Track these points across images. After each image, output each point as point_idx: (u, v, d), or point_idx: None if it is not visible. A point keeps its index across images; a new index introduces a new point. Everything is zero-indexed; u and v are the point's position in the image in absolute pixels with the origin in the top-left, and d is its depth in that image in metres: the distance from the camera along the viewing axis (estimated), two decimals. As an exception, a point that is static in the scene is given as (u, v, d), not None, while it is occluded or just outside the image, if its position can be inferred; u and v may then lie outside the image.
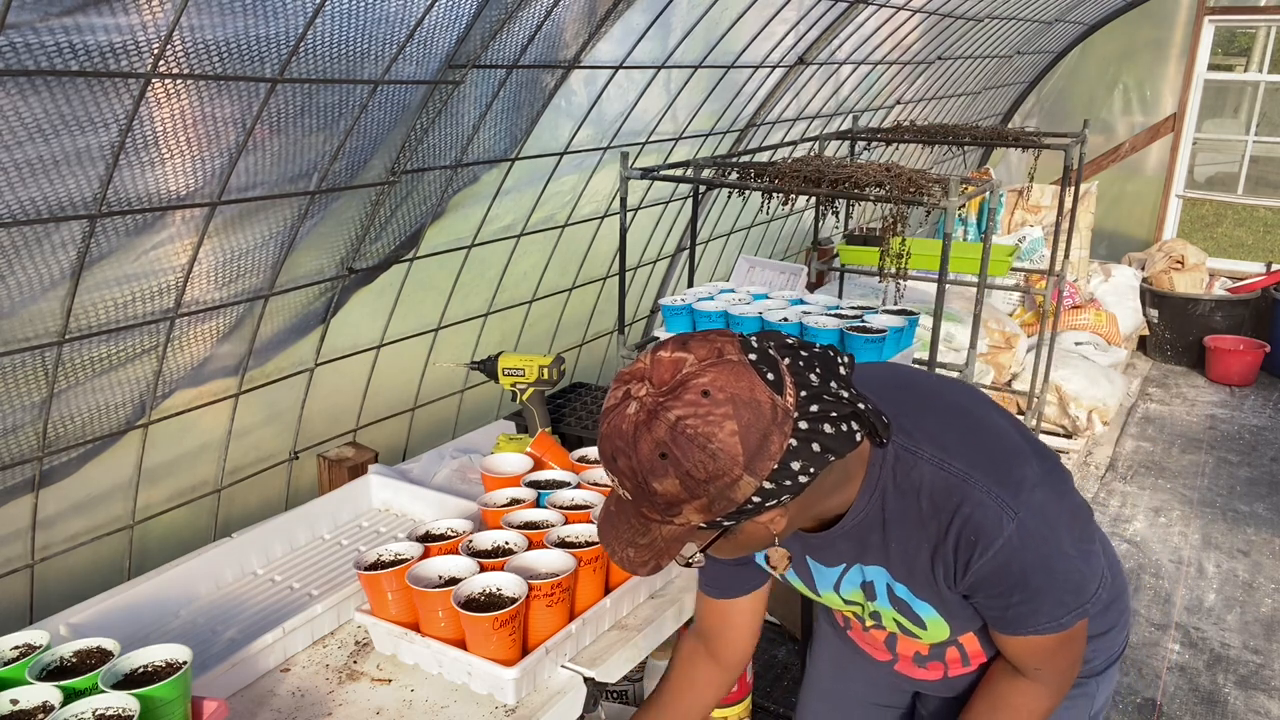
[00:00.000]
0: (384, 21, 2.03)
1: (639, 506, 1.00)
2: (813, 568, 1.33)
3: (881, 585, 1.26)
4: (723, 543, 1.08)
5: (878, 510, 1.18)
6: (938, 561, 1.18)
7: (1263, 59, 7.37)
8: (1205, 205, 10.46)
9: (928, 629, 1.29)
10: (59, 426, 1.97)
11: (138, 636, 1.48)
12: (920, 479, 1.15)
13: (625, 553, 1.05)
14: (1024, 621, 1.20)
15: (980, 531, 1.13)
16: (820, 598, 1.38)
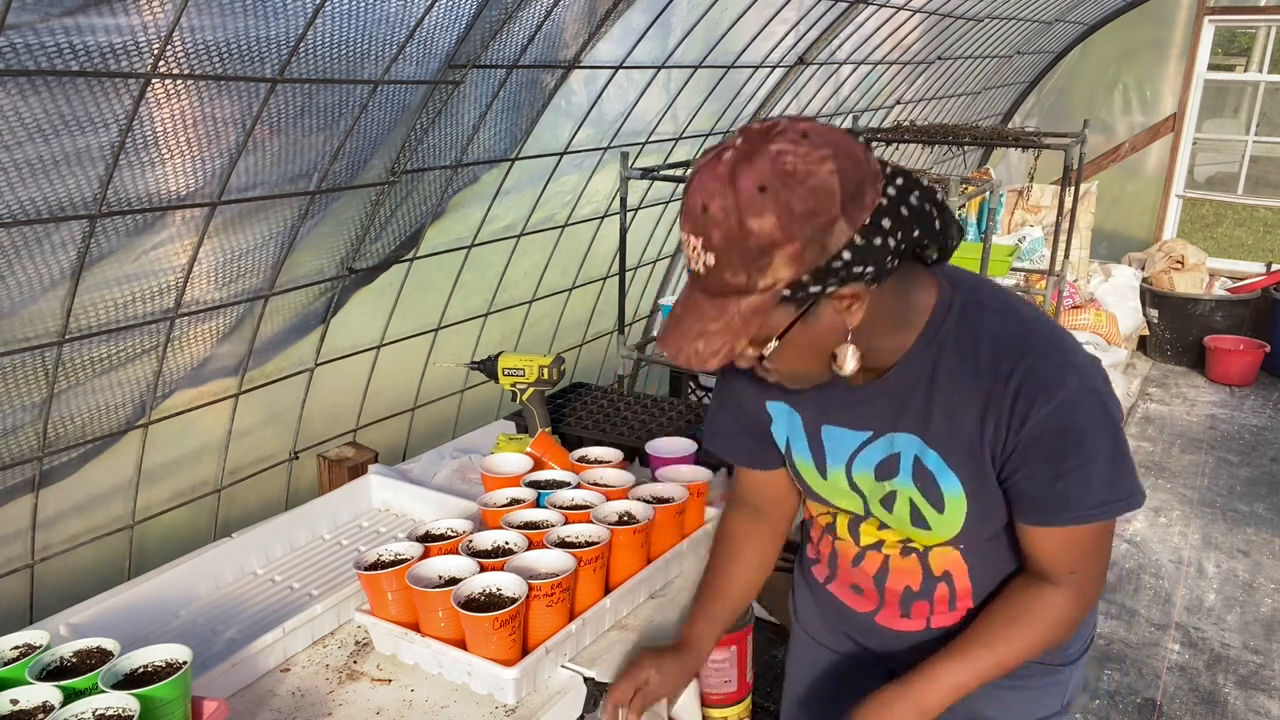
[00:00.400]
0: (384, 22, 2.03)
1: (722, 272, 0.98)
2: (828, 441, 1.27)
3: (909, 456, 1.20)
4: (795, 339, 1.04)
5: (931, 363, 1.15)
6: (990, 417, 1.12)
7: (1263, 59, 7.37)
8: (1205, 205, 10.46)
9: (944, 514, 1.20)
10: (59, 427, 1.97)
11: (138, 636, 1.48)
12: (984, 328, 1.13)
13: (694, 346, 1.02)
14: (1072, 499, 1.12)
15: (1043, 381, 1.09)
16: (824, 482, 1.30)
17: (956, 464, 1.17)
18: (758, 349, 1.06)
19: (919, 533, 1.24)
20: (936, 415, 1.16)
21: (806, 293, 1.00)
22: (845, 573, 1.41)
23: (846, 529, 1.36)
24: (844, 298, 1.03)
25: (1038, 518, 1.16)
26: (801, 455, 1.31)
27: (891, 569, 1.33)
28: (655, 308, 4.44)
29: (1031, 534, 1.19)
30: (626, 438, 2.16)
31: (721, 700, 2.46)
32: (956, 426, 1.15)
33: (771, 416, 1.34)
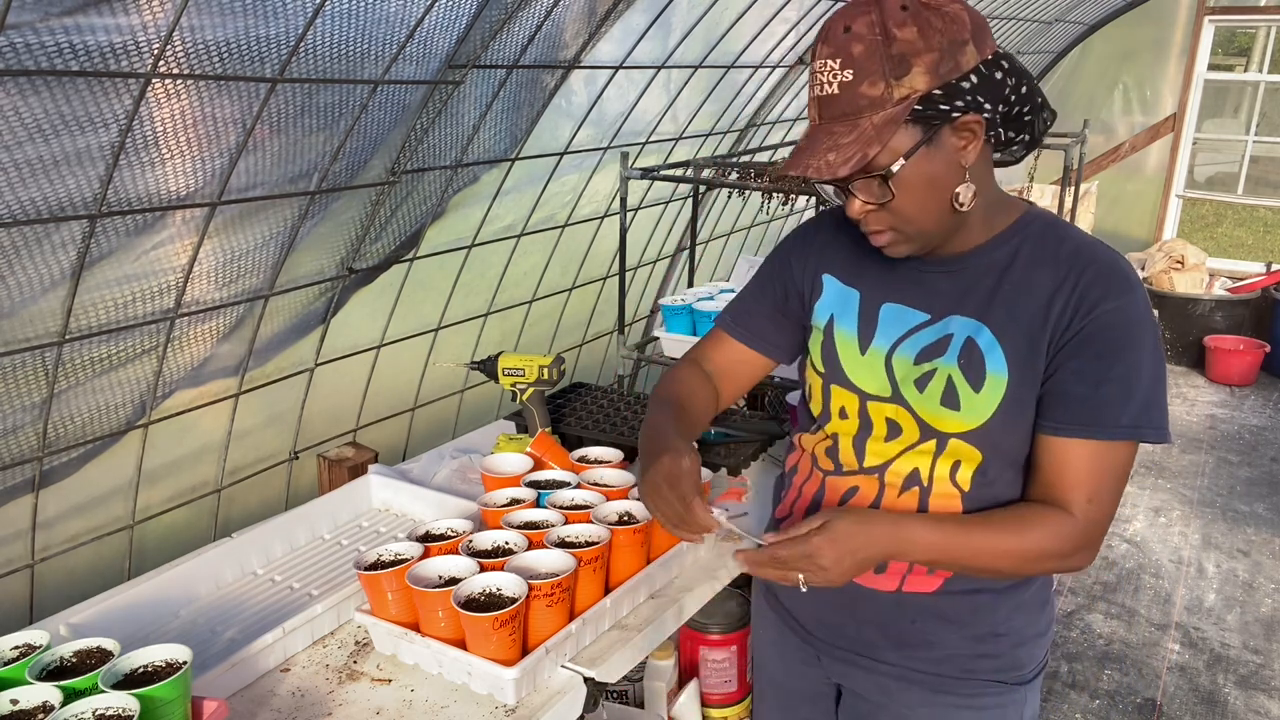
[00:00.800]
0: (384, 22, 2.03)
1: (858, 86, 1.07)
2: (885, 318, 1.29)
3: (961, 338, 1.22)
4: (917, 171, 1.11)
5: (1011, 253, 1.21)
6: (1059, 298, 1.16)
7: (1263, 59, 7.37)
8: (1205, 205, 10.46)
9: (979, 394, 1.19)
10: (59, 427, 1.97)
11: (138, 636, 1.48)
12: (1070, 234, 1.21)
13: (824, 158, 1.08)
14: (1110, 410, 1.14)
15: (1117, 279, 1.15)
16: (861, 358, 1.29)
17: (1009, 345, 1.19)
18: (878, 190, 1.12)
19: (944, 415, 1.21)
20: (1003, 298, 1.20)
21: (936, 110, 1.08)
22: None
23: (851, 446, 1.31)
24: (966, 126, 1.11)
25: (1072, 422, 1.16)
26: (846, 329, 1.32)
27: (884, 506, 1.29)
28: (655, 308, 4.44)
29: (1057, 448, 1.18)
30: (626, 438, 2.16)
31: (721, 700, 2.46)
32: (1021, 308, 1.18)
33: (821, 289, 1.36)
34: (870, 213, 1.16)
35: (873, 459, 1.30)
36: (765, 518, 1.88)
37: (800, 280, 1.40)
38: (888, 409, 1.27)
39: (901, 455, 1.27)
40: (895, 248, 1.20)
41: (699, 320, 2.56)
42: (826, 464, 1.36)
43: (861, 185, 1.13)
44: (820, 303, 1.36)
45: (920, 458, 1.26)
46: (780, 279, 1.43)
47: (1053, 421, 1.18)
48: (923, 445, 1.25)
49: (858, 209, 1.15)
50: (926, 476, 1.26)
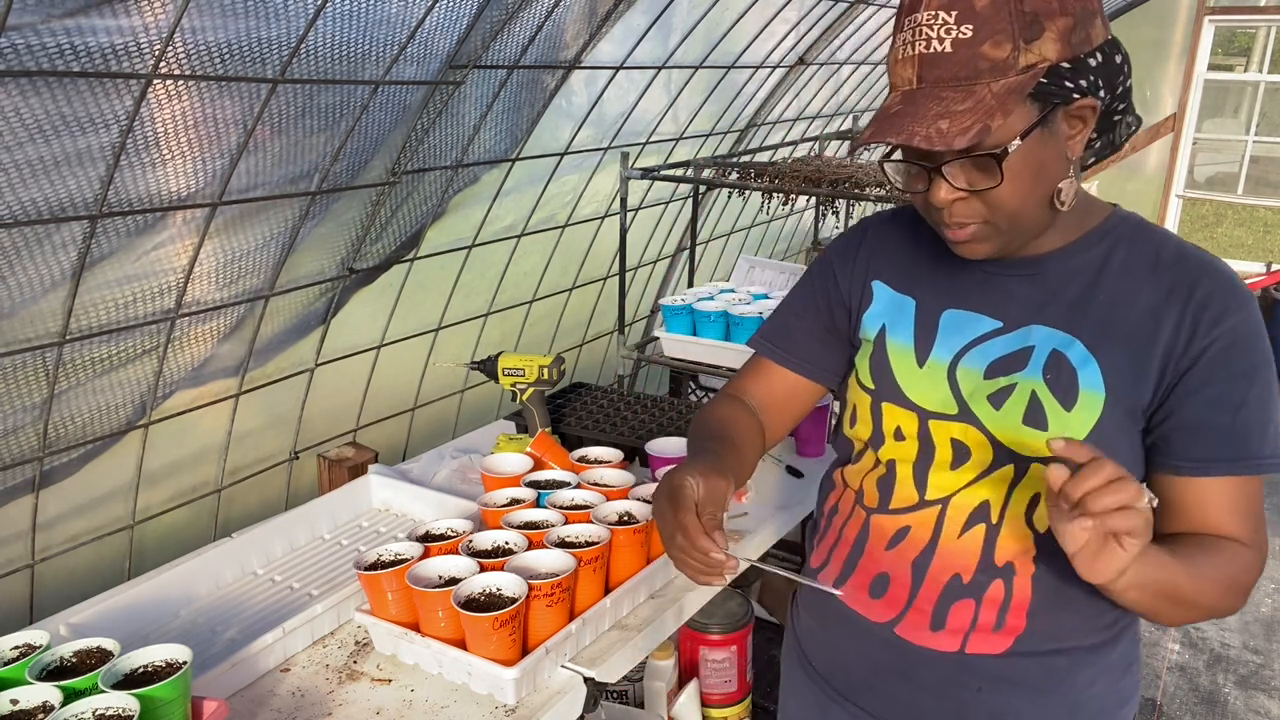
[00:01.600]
0: (385, 23, 2.03)
1: (979, 45, 0.91)
2: (946, 326, 1.13)
3: (1045, 350, 1.06)
4: (1027, 157, 0.95)
5: (1101, 257, 1.07)
6: (1168, 313, 1.01)
7: (1263, 59, 7.37)
8: (1205, 205, 10.46)
9: (1072, 412, 1.03)
10: (59, 427, 1.97)
11: (138, 636, 1.48)
12: (1164, 235, 1.07)
13: (935, 125, 0.91)
14: (1253, 439, 0.99)
15: (1235, 289, 1.01)
16: (918, 371, 1.13)
17: (1106, 361, 1.03)
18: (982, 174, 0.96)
19: (1027, 436, 1.04)
20: (1097, 308, 1.05)
21: (1059, 87, 0.93)
22: (872, 560, 1.19)
23: (910, 476, 1.14)
24: (1080, 112, 0.97)
25: (1218, 458, 1.00)
26: (900, 340, 1.16)
27: (941, 548, 1.12)
28: (655, 308, 4.44)
29: (1198, 488, 1.02)
30: (626, 438, 2.16)
31: (721, 700, 2.46)
32: (1120, 320, 1.03)
33: (870, 298, 1.21)
34: (960, 201, 0.99)
35: (935, 490, 1.12)
36: (766, 518, 1.87)
37: (847, 291, 1.25)
38: (954, 428, 1.10)
39: (970, 485, 1.10)
40: (976, 245, 1.03)
41: (699, 320, 2.56)
42: (873, 499, 1.18)
43: (959, 167, 0.97)
44: (870, 313, 1.21)
45: (992, 488, 1.09)
46: (824, 292, 1.27)
47: (1191, 460, 1.02)
48: (997, 472, 1.08)
49: (945, 195, 0.98)
50: (997, 512, 1.09)
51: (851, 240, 1.27)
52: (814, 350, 1.29)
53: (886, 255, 1.23)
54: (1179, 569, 0.96)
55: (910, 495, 1.14)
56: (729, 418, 1.29)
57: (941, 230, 1.04)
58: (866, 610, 1.19)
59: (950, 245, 1.05)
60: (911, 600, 1.14)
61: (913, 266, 1.19)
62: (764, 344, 1.34)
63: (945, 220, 1.02)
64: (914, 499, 1.14)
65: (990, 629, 1.11)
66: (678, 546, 1.04)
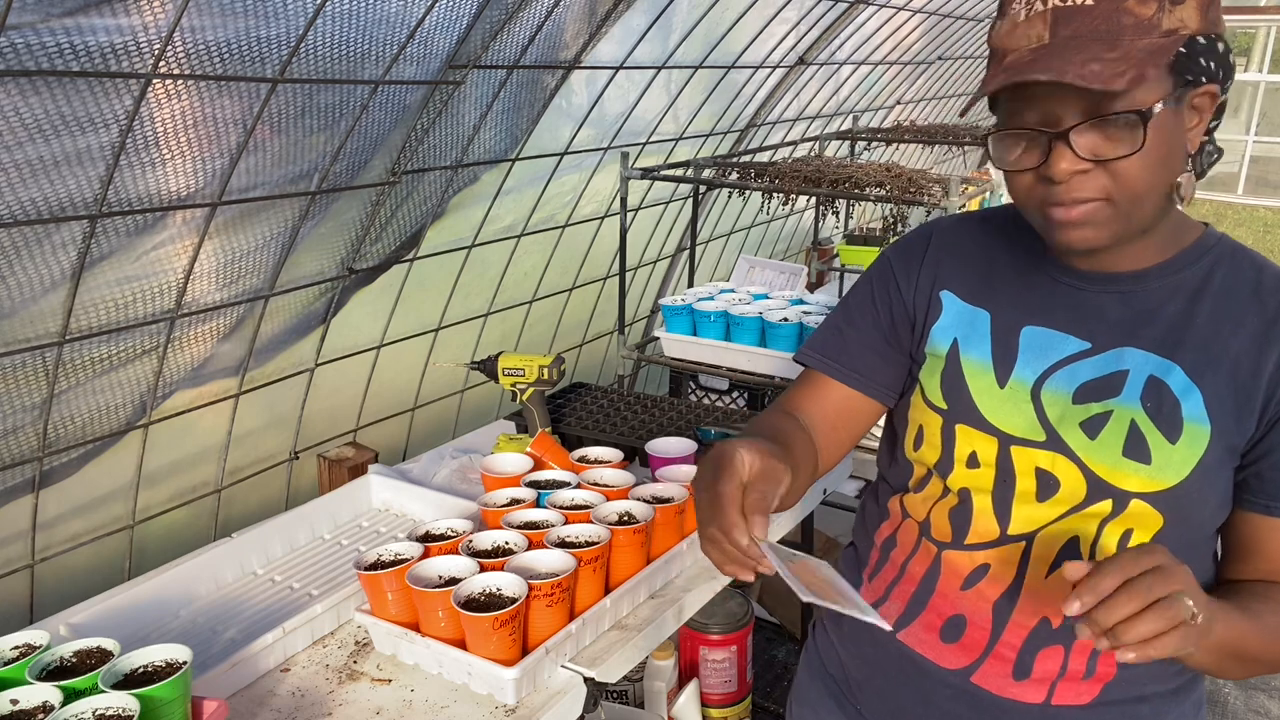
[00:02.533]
0: (384, 22, 2.03)
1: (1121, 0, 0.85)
2: (1028, 344, 1.04)
3: (1142, 375, 0.98)
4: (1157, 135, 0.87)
5: (1201, 276, 0.99)
6: (1274, 345, 0.95)
7: (1263, 59, 7.38)
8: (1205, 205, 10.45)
9: (1176, 445, 0.96)
10: (59, 427, 1.97)
11: (138, 636, 1.48)
12: (1264, 262, 1.01)
13: (1089, 66, 0.83)
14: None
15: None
16: (1000, 392, 1.04)
17: (1210, 391, 0.95)
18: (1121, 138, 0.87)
19: (1127, 470, 0.96)
20: (1197, 333, 0.97)
21: (1195, 63, 0.87)
22: (944, 600, 1.08)
23: (990, 507, 1.04)
24: (1202, 100, 0.91)
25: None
26: (976, 357, 1.06)
27: (1028, 589, 1.02)
28: (655, 308, 4.44)
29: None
30: (626, 438, 2.16)
31: (721, 700, 2.46)
32: (1223, 348, 0.96)
33: (939, 309, 1.11)
34: (1084, 174, 0.89)
35: (1021, 524, 1.02)
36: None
37: (911, 300, 1.14)
38: (1041, 457, 1.00)
39: (1062, 519, 1.00)
40: (1088, 231, 0.92)
41: (699, 320, 2.56)
42: (944, 533, 1.08)
43: (1089, 132, 0.87)
44: (939, 325, 1.10)
45: (1086, 523, 0.99)
46: (885, 300, 1.16)
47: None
48: (1093, 507, 0.99)
49: (1068, 166, 0.88)
50: (1088, 548, 1.00)
51: (915, 244, 1.16)
52: (872, 363, 1.17)
53: (956, 262, 1.12)
54: (1247, 626, 0.91)
55: (990, 529, 1.04)
56: (782, 428, 1.15)
57: (1046, 213, 0.92)
58: (936, 655, 1.08)
59: (1052, 232, 0.93)
60: (992, 646, 1.04)
61: (986, 276, 1.09)
62: (815, 356, 1.20)
63: (1059, 198, 0.90)
64: (994, 533, 1.04)
65: (1080, 677, 1.02)
66: (706, 521, 0.90)
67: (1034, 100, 0.89)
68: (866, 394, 1.17)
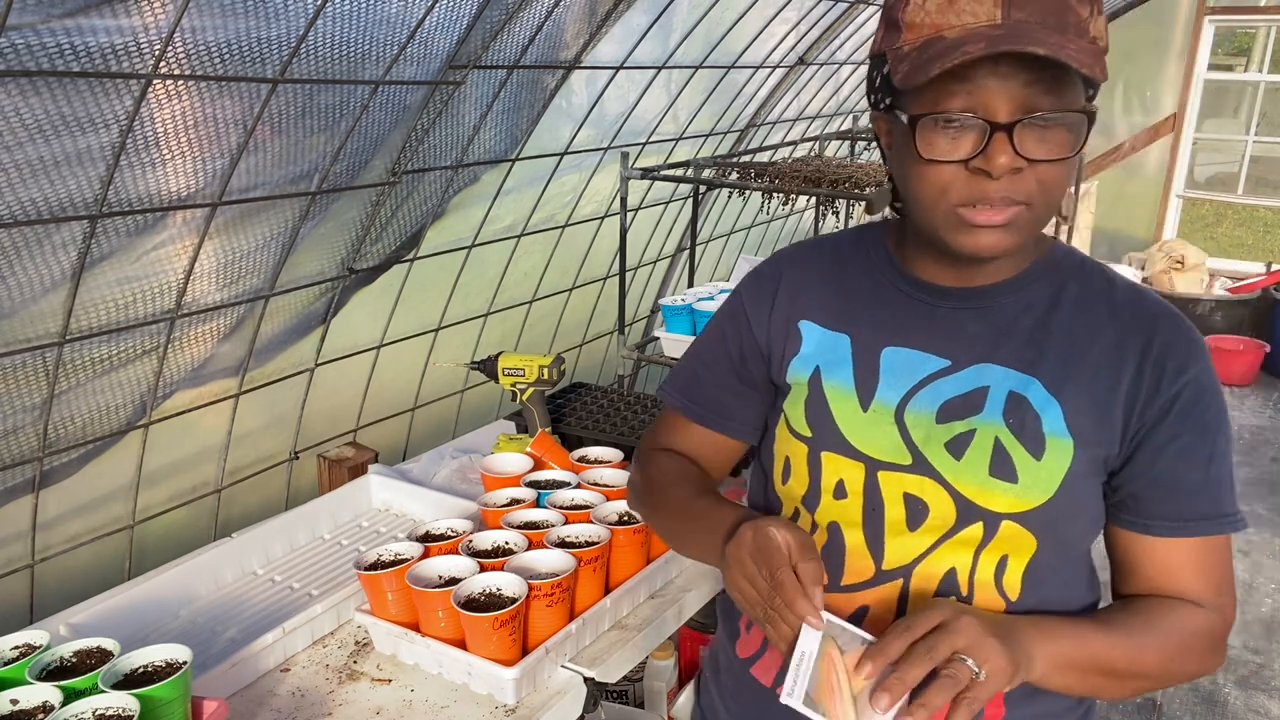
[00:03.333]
0: (385, 23, 2.03)
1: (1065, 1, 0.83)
2: (889, 365, 1.01)
3: (1002, 390, 0.95)
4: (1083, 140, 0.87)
5: (1052, 289, 0.98)
6: (1128, 358, 0.94)
7: (1263, 59, 7.37)
8: (1205, 205, 10.46)
9: (1041, 461, 0.93)
10: (59, 427, 1.97)
11: (138, 636, 1.48)
12: (1113, 276, 1.00)
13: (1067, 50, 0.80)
14: (1225, 496, 0.94)
15: (1191, 335, 0.95)
16: (863, 416, 1.00)
17: (1069, 404, 0.94)
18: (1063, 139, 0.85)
19: (995, 490, 0.94)
20: (1054, 346, 0.96)
21: (1102, 68, 0.84)
22: None
23: (862, 542, 1.01)
24: (1087, 116, 0.89)
25: (1193, 517, 0.94)
26: (839, 382, 1.03)
27: None
28: (655, 308, 4.44)
29: (1167, 549, 0.96)
30: (626, 438, 2.16)
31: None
32: (1079, 361, 0.95)
33: (798, 341, 1.08)
34: (1017, 173, 0.85)
35: (895, 558, 0.99)
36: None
37: (763, 336, 1.11)
38: (909, 481, 0.98)
39: (933, 550, 0.97)
40: (1004, 237, 0.88)
41: (699, 320, 2.56)
42: (833, 557, 1.04)
43: (1034, 130, 0.83)
44: (800, 356, 1.07)
45: (959, 552, 0.97)
46: (735, 340, 1.14)
47: (1166, 519, 0.95)
48: (964, 532, 0.96)
49: (1008, 162, 0.83)
50: (966, 580, 0.97)
51: (766, 279, 1.13)
52: (726, 405, 1.15)
53: (812, 291, 1.09)
54: (1105, 640, 0.90)
55: (865, 567, 1.00)
56: (691, 472, 1.15)
57: (963, 214, 0.87)
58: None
59: (964, 235, 0.89)
60: None
61: (844, 300, 1.06)
62: (675, 395, 1.19)
63: (988, 196, 0.86)
64: (870, 571, 1.00)
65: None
66: (776, 608, 0.87)
67: (974, 88, 0.83)
68: (726, 435, 1.16)
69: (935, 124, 0.85)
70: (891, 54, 0.88)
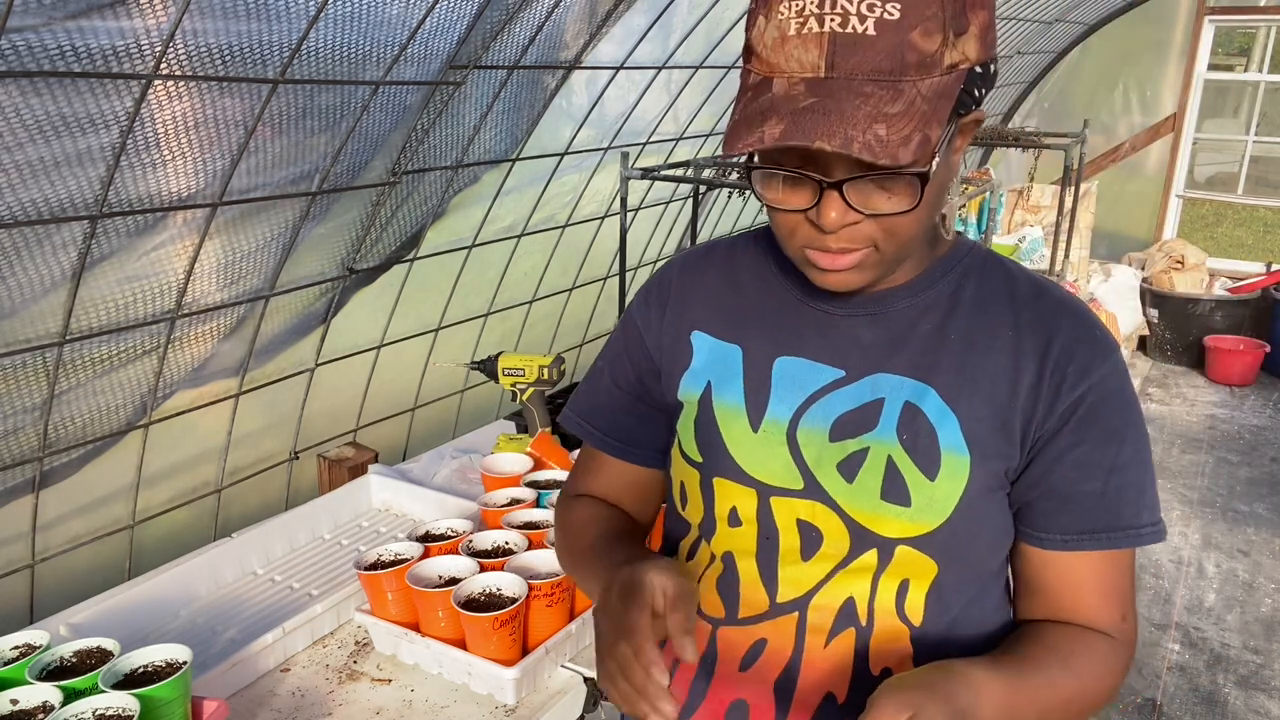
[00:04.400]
0: (385, 23, 2.03)
1: (908, 31, 0.73)
2: (780, 377, 0.94)
3: (897, 403, 0.89)
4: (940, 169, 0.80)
5: (950, 290, 0.92)
6: (1027, 360, 0.88)
7: (1263, 59, 7.37)
8: (1205, 205, 10.46)
9: (936, 482, 0.88)
10: (60, 427, 1.97)
11: (138, 636, 1.48)
12: (1017, 271, 0.94)
13: (873, 131, 0.72)
14: (1128, 507, 0.88)
15: (1098, 331, 0.89)
16: (752, 436, 0.94)
17: (965, 414, 0.88)
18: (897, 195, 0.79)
19: (887, 515, 0.88)
20: (950, 351, 0.90)
21: (971, 94, 0.79)
22: (723, 686, 0.97)
23: (755, 573, 0.94)
24: (972, 122, 0.83)
25: (1089, 530, 0.89)
26: (729, 399, 0.96)
27: (807, 663, 0.93)
28: (655, 308, 4.44)
29: (1066, 564, 0.90)
30: (626, 438, 2.16)
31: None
32: (977, 366, 0.89)
33: (689, 354, 1.00)
34: (852, 227, 0.81)
35: (789, 589, 0.93)
36: None
37: (657, 350, 1.03)
38: (801, 507, 0.91)
39: (830, 579, 0.91)
40: (853, 275, 0.84)
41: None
42: (715, 607, 0.97)
43: (865, 187, 0.79)
44: (691, 370, 0.99)
45: (856, 580, 0.91)
46: (629, 356, 1.06)
47: (1060, 533, 0.89)
48: (859, 560, 0.90)
49: (839, 217, 0.79)
50: (865, 610, 0.91)
51: (657, 289, 1.05)
52: (630, 429, 1.06)
53: (703, 300, 1.01)
54: (1016, 699, 0.83)
55: (759, 599, 0.94)
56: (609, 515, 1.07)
57: (809, 256, 0.84)
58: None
59: (815, 275, 0.85)
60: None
61: (736, 309, 0.99)
62: (576, 421, 1.10)
63: (825, 245, 0.82)
64: (764, 603, 0.94)
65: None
66: (618, 656, 0.79)
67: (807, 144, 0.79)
68: (632, 462, 1.07)
69: (768, 175, 0.82)
70: (741, 79, 0.82)
